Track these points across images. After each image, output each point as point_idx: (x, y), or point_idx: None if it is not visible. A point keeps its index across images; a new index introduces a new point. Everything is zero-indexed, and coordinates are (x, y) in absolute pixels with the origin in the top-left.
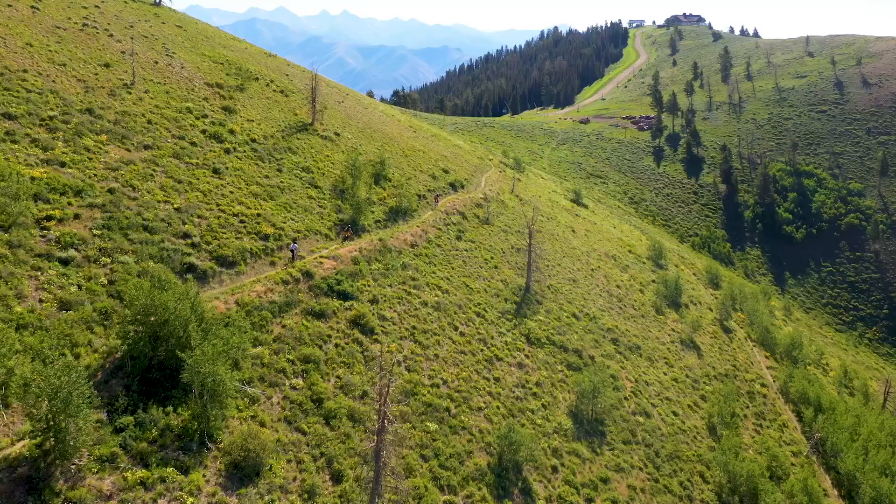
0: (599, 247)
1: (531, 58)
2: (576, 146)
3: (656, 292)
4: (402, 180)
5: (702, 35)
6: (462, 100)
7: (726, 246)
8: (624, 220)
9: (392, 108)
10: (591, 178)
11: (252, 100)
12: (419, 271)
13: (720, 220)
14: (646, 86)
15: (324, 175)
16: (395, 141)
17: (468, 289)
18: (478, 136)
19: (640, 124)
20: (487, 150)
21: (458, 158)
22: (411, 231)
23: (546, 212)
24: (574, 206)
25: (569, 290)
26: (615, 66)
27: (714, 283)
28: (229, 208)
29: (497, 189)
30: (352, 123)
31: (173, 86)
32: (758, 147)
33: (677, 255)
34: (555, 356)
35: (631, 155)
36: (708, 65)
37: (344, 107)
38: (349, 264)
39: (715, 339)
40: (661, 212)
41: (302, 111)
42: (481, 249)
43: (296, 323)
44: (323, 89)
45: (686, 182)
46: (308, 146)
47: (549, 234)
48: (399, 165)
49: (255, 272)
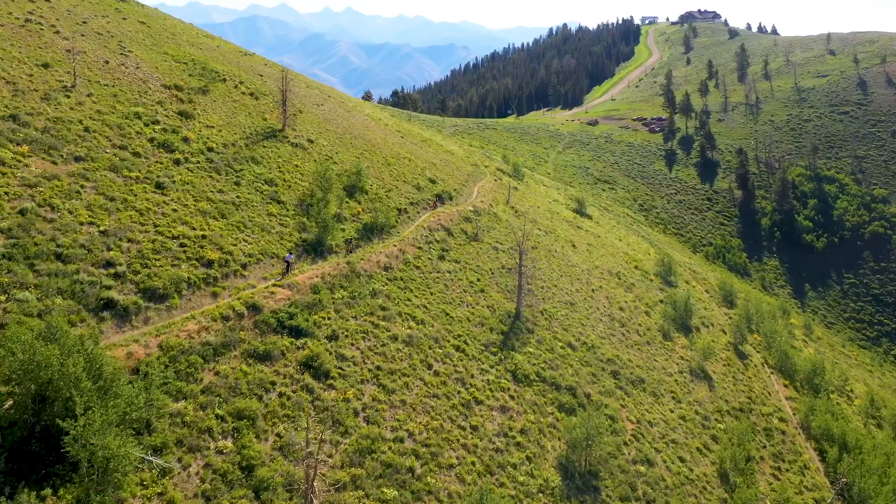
0: (602, 263)
1: (539, 56)
2: (583, 149)
3: (664, 315)
4: (381, 193)
5: (717, 32)
6: (466, 100)
7: (742, 256)
8: (632, 230)
9: (382, 110)
10: (598, 183)
11: (215, 103)
12: (391, 299)
13: (736, 228)
14: (658, 85)
15: (290, 188)
16: (377, 148)
17: (448, 318)
18: (479, 139)
19: (652, 126)
20: (485, 155)
21: (448, 166)
22: (386, 251)
23: (544, 225)
24: (576, 218)
25: (565, 315)
26: (626, 65)
27: (728, 301)
28: (169, 230)
29: (490, 200)
30: (329, 129)
31: (123, 88)
32: (776, 150)
33: (688, 270)
34: (545, 395)
35: (641, 159)
36: (723, 63)
37: (323, 110)
38: (307, 293)
39: (728, 366)
40: (673, 220)
41: (272, 116)
42: (467, 270)
43: (233, 368)
44: (300, 91)
45: (700, 188)
46: (275, 155)
47: (547, 251)
48: (379, 175)
49: (190, 306)
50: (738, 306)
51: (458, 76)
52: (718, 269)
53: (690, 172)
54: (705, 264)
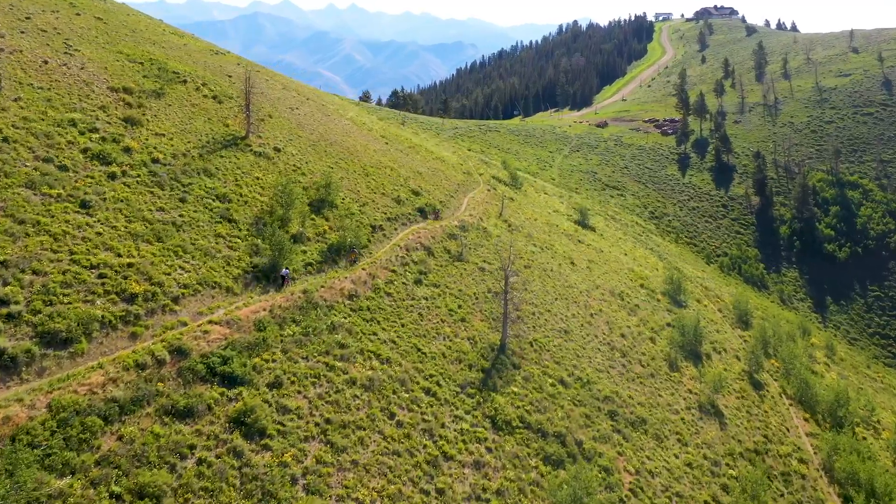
0: (604, 282)
1: (548, 54)
2: (591, 153)
3: (671, 341)
4: (354, 207)
5: (734, 29)
6: (471, 100)
7: (759, 267)
8: (640, 241)
9: (371, 113)
10: (606, 189)
11: (170, 108)
12: (353, 334)
13: (752, 237)
14: (671, 85)
15: (246, 204)
16: (356, 156)
17: (419, 354)
18: (479, 142)
19: (664, 128)
20: (483, 161)
21: (436, 175)
22: (353, 276)
23: (541, 240)
24: (578, 230)
25: (558, 345)
26: (638, 64)
27: (743, 322)
28: (87, 257)
29: (481, 213)
30: (302, 135)
31: (61, 91)
32: (795, 154)
33: (700, 287)
34: (528, 445)
35: (653, 163)
36: (740, 62)
37: (297, 114)
38: (249, 331)
39: (742, 398)
40: (686, 228)
41: (236, 121)
42: (447, 296)
43: (142, 430)
44: (274, 93)
45: (714, 194)
46: (233, 166)
47: (541, 270)
48: (354, 188)
49: (101, 352)
50: (753, 327)
51: (464, 75)
52: (734, 281)
53: (705, 177)
54: (719, 277)
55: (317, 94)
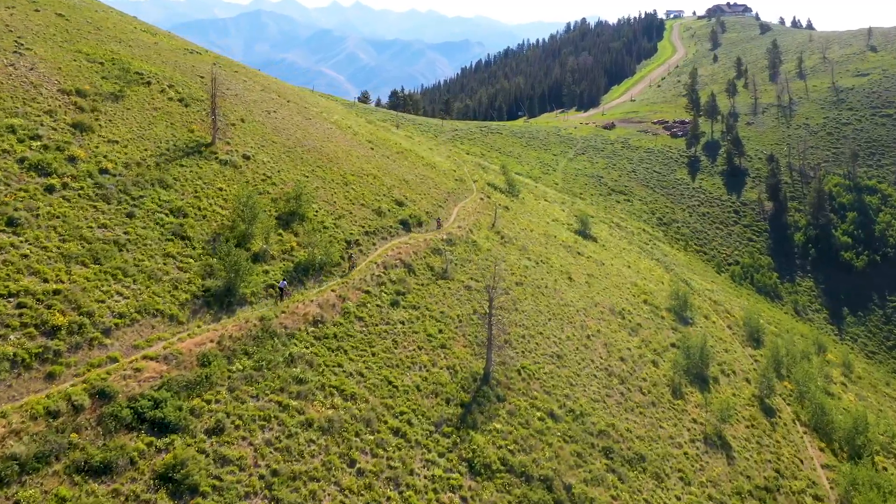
0: (603, 299)
1: (555, 53)
2: (597, 156)
3: (675, 364)
4: (328, 221)
5: (747, 27)
6: (475, 101)
7: (772, 276)
8: (646, 251)
9: (364, 114)
10: (612, 194)
11: (129, 112)
12: (314, 367)
13: (766, 244)
14: (682, 85)
15: (205, 219)
16: (335, 163)
17: (390, 388)
18: (480, 145)
19: (674, 130)
20: (479, 165)
21: (424, 183)
22: (321, 298)
23: (536, 253)
24: (578, 241)
25: (550, 372)
26: (648, 63)
27: (754, 339)
28: (5, 284)
29: (471, 224)
30: (277, 141)
31: (3, 94)
32: (811, 157)
33: (708, 301)
34: (510, 492)
35: (661, 166)
36: (753, 61)
37: (274, 118)
38: (192, 367)
39: (752, 427)
40: (696, 235)
41: (203, 126)
42: (427, 319)
43: (45, 493)
44: (251, 95)
45: (726, 199)
46: (194, 176)
47: (534, 287)
48: (331, 198)
49: (8, 396)
50: (765, 345)
51: (469, 75)
52: (745, 292)
53: (716, 182)
54: (730, 287)
55: (301, 95)
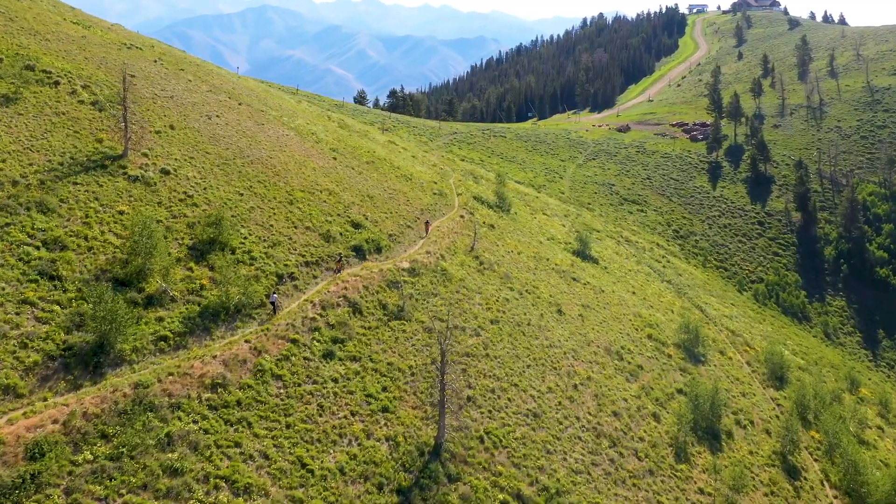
0: (599, 335)
1: (569, 50)
2: (609, 161)
3: (680, 418)
4: (258, 250)
5: (775, 22)
6: (482, 100)
7: (800, 295)
8: (657, 270)
9: (343, 117)
10: (624, 204)
11: (20, 118)
12: (199, 450)
13: (793, 259)
14: (703, 84)
15: (90, 252)
16: (282, 177)
17: (303, 474)
18: (481, 149)
19: (694, 133)
20: (470, 176)
21: (393, 200)
22: (227, 354)
23: (521, 281)
24: (575, 264)
25: (522, 437)
26: (668, 60)
27: (777, 378)
28: None
29: (444, 247)
30: (212, 151)
31: None
32: (843, 164)
33: (725, 332)
34: None
35: (679, 173)
36: (781, 58)
37: (214, 124)
38: (16, 461)
39: (772, 494)
40: (716, 249)
41: (118, 134)
42: (368, 374)
43: None
44: (192, 97)
45: (749, 209)
46: (89, 197)
47: (514, 325)
48: (267, 221)
49: None
50: (790, 383)
51: (479, 73)
52: (770, 313)
53: (738, 190)
54: (753, 308)
55: (263, 97)
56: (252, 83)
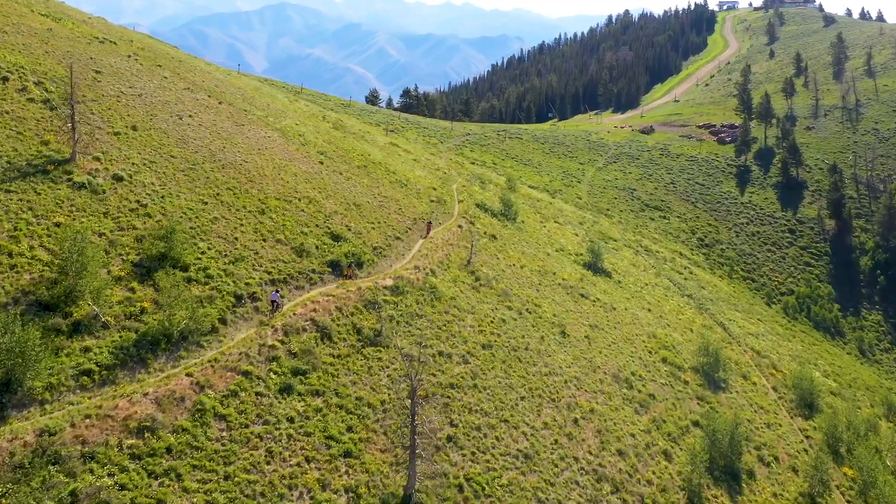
0: (607, 360)
1: (593, 48)
2: (631, 165)
3: (694, 456)
4: (216, 267)
5: (809, 19)
6: (502, 100)
7: (833, 309)
8: (677, 283)
9: (357, 116)
10: (646, 210)
11: None
12: None
13: (826, 269)
14: (732, 84)
15: (13, 269)
16: (257, 183)
17: None
18: (495, 152)
19: (721, 135)
20: (477, 180)
21: (383, 208)
22: (162, 390)
23: (523, 298)
24: (584, 278)
25: (509, 483)
26: (696, 59)
27: (807, 405)
28: None
29: (436, 261)
30: (178, 155)
31: None
32: (881, 168)
33: (750, 352)
34: None
35: (705, 177)
36: (815, 57)
37: (185, 124)
38: None
39: None
40: (743, 259)
41: (66, 137)
42: (331, 412)
43: None
44: (163, 95)
45: (779, 216)
46: (21, 207)
47: (509, 350)
48: (232, 234)
49: None
50: (820, 411)
51: (499, 72)
52: (800, 328)
53: (768, 196)
54: (782, 324)
55: (250, 96)
56: (244, 81)
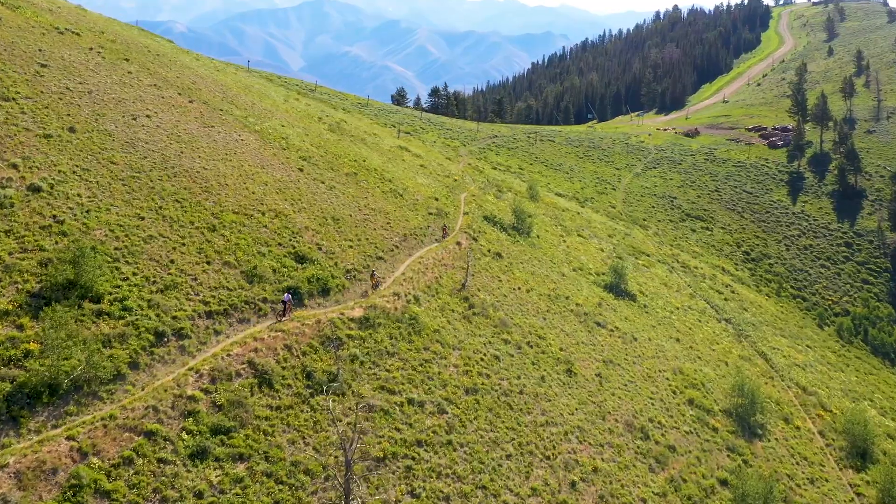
0: (621, 404)
1: (638, 45)
2: (672, 171)
3: None
4: (138, 298)
5: (872, 14)
6: (539, 100)
7: (894, 332)
8: (715, 306)
9: (334, 116)
10: (686, 220)
11: None
12: None
13: (886, 288)
14: (786, 83)
15: None
16: (214, 193)
17: None
18: (522, 156)
19: (773, 139)
20: (493, 188)
21: (368, 222)
22: (28, 460)
23: (525, 329)
24: (604, 303)
25: None
26: (748, 57)
27: (859, 454)
28: None
29: (424, 285)
30: (120, 161)
31: None
32: None
33: (795, 389)
34: None
35: (754, 185)
36: (878, 54)
37: (138, 126)
38: None
39: None
40: (793, 275)
41: None
42: (256, 483)
43: None
44: (121, 92)
45: (835, 228)
46: None
47: (498, 395)
48: (167, 256)
49: None
50: (875, 460)
51: (539, 70)
52: (855, 354)
53: (823, 205)
54: (834, 349)
55: (235, 93)
56: (234, 77)
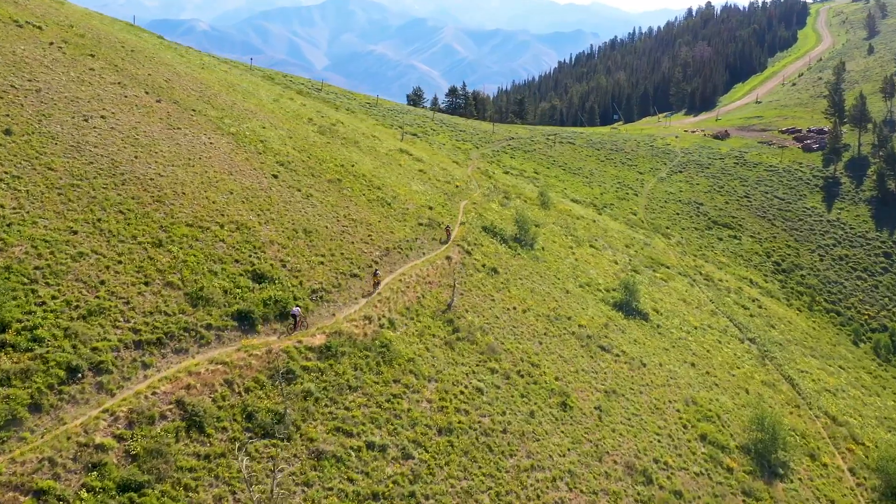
0: (621, 443)
1: (668, 43)
2: (698, 175)
3: None
4: (53, 326)
5: None
6: (564, 100)
7: None
8: (738, 324)
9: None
10: (713, 228)
11: None
12: None
13: None
14: (823, 83)
15: None
16: (167, 203)
17: None
18: (539, 159)
19: (808, 141)
20: (500, 194)
21: (345, 234)
22: None
23: (516, 355)
24: (610, 323)
25: None
26: (784, 55)
27: (894, 495)
28: None
29: (402, 306)
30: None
31: None
32: None
33: (823, 418)
34: None
35: (787, 190)
36: None
37: (88, 128)
38: None
39: None
40: (827, 287)
41: None
42: None
43: None
44: (77, 91)
45: (873, 237)
46: None
47: (477, 434)
48: (98, 276)
49: None
50: None
51: (566, 69)
52: (892, 375)
53: (860, 212)
54: (870, 370)
55: (215, 91)
56: (219, 75)
